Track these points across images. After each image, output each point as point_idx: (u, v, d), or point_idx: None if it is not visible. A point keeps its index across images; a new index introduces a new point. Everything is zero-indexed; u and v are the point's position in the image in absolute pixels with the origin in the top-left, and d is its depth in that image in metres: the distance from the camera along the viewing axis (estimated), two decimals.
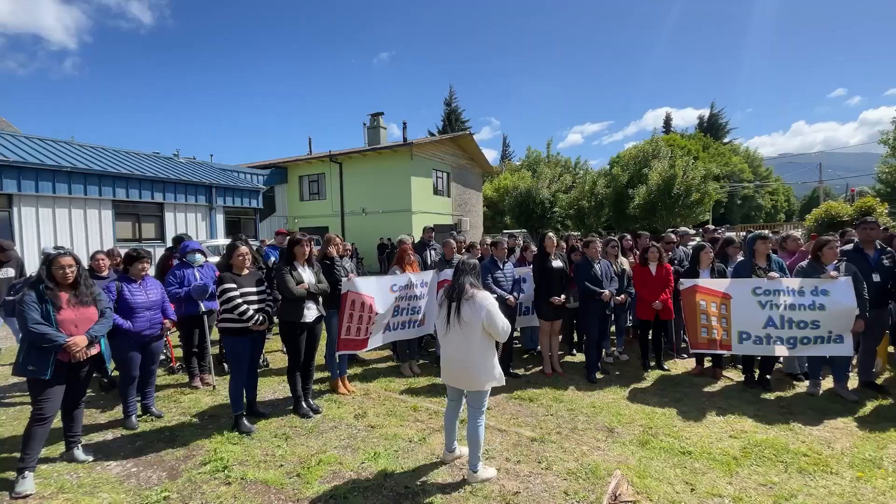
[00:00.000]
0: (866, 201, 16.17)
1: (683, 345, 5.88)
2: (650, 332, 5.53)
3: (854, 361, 4.87)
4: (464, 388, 3.09)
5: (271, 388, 4.97)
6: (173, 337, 6.11)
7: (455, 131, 36.52)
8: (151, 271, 4.47)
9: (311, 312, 4.12)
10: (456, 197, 23.11)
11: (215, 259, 7.32)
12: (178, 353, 5.70)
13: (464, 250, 6.59)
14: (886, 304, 4.64)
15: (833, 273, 4.48)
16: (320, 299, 4.29)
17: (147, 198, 14.36)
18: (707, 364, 5.34)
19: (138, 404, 4.20)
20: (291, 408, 4.27)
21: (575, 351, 6.25)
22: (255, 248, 6.11)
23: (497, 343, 3.08)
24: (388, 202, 19.63)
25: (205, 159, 19.80)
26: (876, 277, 4.53)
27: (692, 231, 10.54)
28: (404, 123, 21.20)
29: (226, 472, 3.21)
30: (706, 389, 4.83)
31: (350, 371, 5.34)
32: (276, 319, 4.38)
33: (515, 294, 5.14)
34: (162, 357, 4.98)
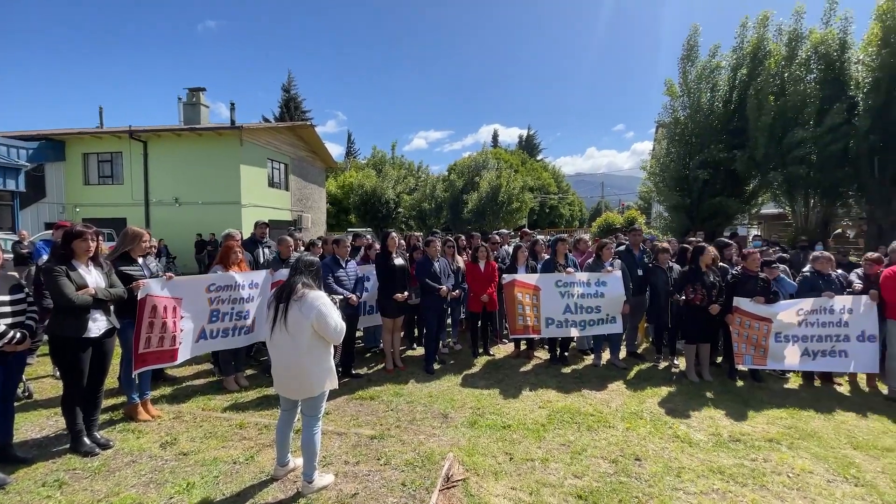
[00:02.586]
0: (632, 213, 21.16)
1: (505, 332, 6.69)
2: (479, 322, 6.12)
3: (623, 337, 6.26)
4: (297, 396, 2.88)
5: (37, 425, 3.82)
6: None
7: (295, 120, 34.19)
8: None
9: (98, 325, 3.30)
10: (296, 191, 21.66)
11: None
12: None
13: (302, 248, 6.20)
14: (644, 291, 6.09)
15: (609, 268, 5.68)
16: (112, 307, 3.48)
17: None
18: (523, 347, 6.18)
19: None
20: (69, 446, 3.36)
21: (416, 345, 6.50)
22: (15, 242, 4.60)
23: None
24: (210, 192, 17.18)
25: None
26: (639, 272, 5.93)
27: (510, 232, 12.10)
28: (232, 104, 18.76)
29: None
30: (522, 369, 5.57)
31: (156, 392, 4.50)
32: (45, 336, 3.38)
33: (358, 293, 5.07)
34: None
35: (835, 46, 10.67)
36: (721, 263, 5.64)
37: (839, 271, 5.41)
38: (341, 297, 3.15)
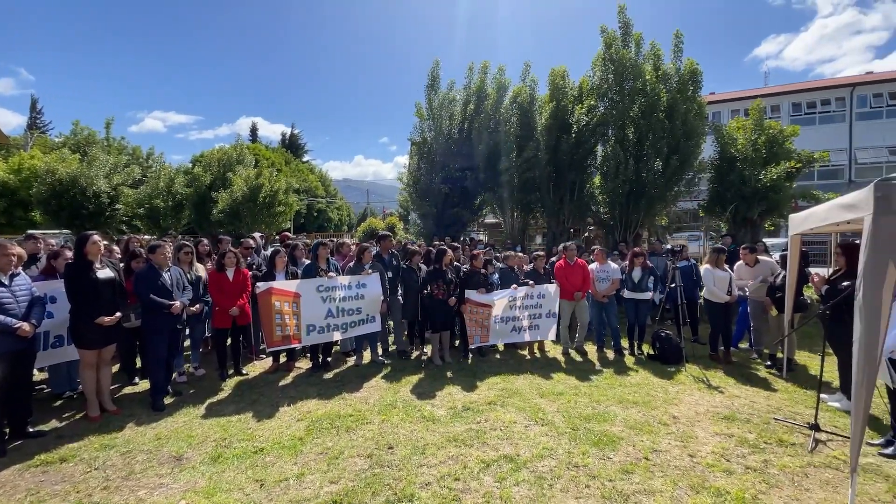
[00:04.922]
0: (392, 220, 22.92)
1: (262, 346, 6.12)
2: (228, 339, 5.40)
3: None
4: None
5: None
6: None
7: None
8: None
9: None
10: None
11: None
12: None
13: None
14: (396, 291, 6.62)
15: (369, 270, 5.95)
16: None
17: None
18: (282, 359, 5.80)
19: None
20: None
21: (138, 379, 5.19)
22: None
23: None
24: None
25: None
26: (388, 274, 6.39)
27: (258, 235, 11.19)
28: None
29: None
30: (281, 383, 5.21)
31: None
32: None
33: (34, 320, 3.67)
34: None
35: (527, 98, 14.28)
36: (455, 263, 6.68)
37: (529, 266, 7.21)
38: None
